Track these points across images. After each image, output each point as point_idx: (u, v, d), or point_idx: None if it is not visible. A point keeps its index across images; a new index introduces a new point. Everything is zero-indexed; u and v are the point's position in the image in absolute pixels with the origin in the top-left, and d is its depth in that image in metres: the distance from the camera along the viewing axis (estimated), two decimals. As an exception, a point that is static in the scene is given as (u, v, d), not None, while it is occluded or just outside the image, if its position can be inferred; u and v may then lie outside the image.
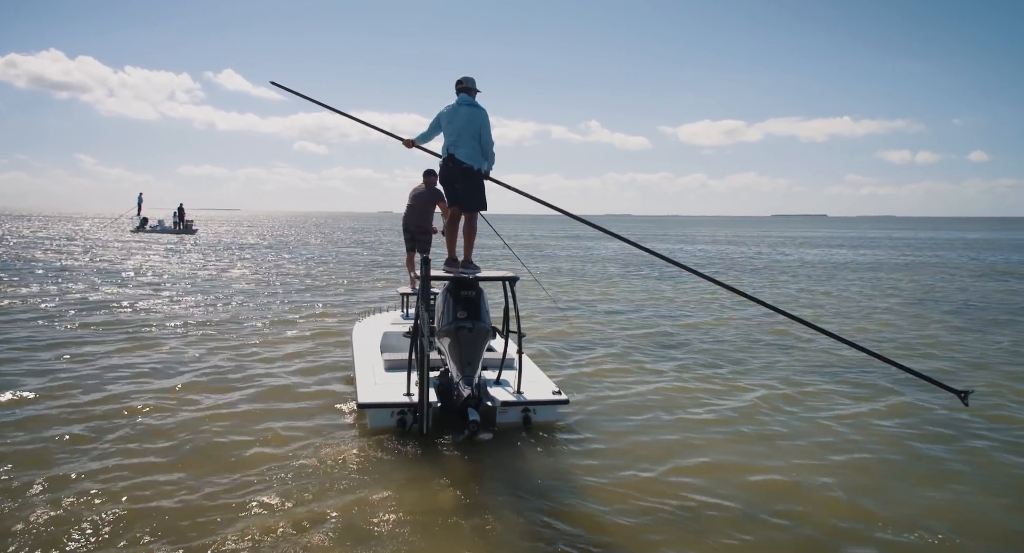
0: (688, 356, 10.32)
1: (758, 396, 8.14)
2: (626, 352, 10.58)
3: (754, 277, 23.69)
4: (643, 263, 28.36)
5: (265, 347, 10.42)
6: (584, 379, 8.88)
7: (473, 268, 6.84)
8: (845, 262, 32.01)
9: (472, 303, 6.53)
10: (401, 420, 6.53)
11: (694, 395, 8.17)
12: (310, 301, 15.44)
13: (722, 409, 7.67)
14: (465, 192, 6.76)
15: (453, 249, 7.01)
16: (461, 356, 6.41)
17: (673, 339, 11.53)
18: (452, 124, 6.73)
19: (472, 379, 6.39)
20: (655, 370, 9.39)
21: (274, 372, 8.90)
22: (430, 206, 10.73)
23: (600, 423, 7.13)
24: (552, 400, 6.79)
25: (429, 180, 10.80)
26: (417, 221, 10.73)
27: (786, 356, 10.28)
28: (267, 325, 12.12)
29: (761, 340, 11.60)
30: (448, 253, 7.02)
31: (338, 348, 10.47)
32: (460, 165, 6.66)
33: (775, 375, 9.10)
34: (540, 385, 7.13)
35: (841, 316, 14.59)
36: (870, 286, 20.80)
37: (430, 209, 10.76)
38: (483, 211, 6.84)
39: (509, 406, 6.72)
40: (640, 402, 7.86)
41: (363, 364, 7.72)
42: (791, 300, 16.86)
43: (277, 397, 7.82)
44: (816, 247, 46.99)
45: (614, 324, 13.06)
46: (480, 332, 6.47)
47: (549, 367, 8.73)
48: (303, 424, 6.88)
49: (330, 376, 8.82)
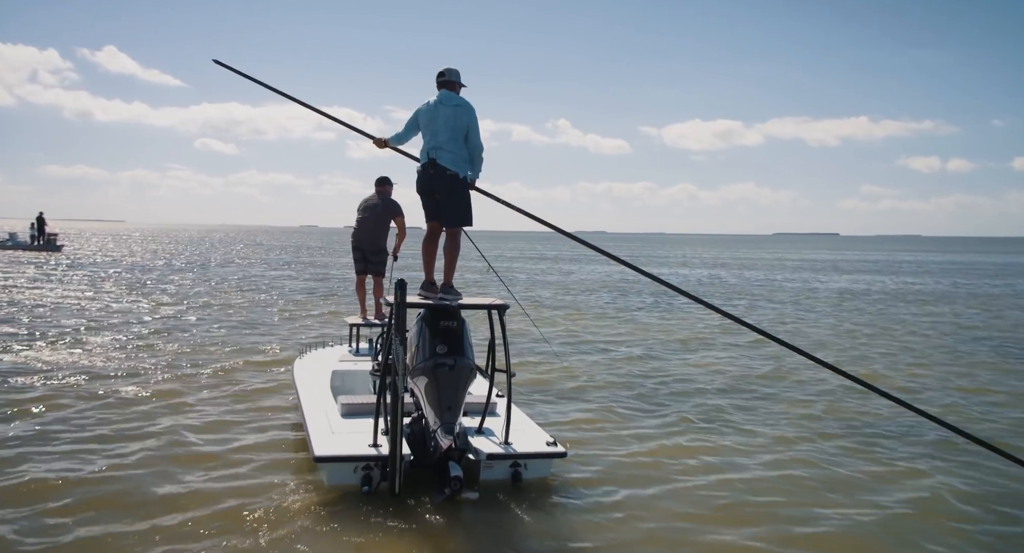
0: (702, 403, 10.50)
1: (788, 455, 8.35)
2: (627, 397, 10.79)
3: (759, 305, 24.28)
4: (632, 291, 28.85)
5: (184, 388, 10.36)
6: (582, 429, 9.04)
7: (454, 294, 6.96)
8: (869, 291, 32.88)
9: (454, 335, 6.64)
10: (366, 476, 6.56)
11: (714, 450, 8.34)
12: (234, 336, 15.35)
13: (751, 466, 7.85)
14: (448, 204, 6.89)
15: (431, 271, 7.13)
16: (440, 399, 6.50)
17: (688, 384, 11.74)
18: (432, 125, 6.88)
19: (453, 427, 6.49)
20: (664, 420, 9.58)
21: (198, 421, 8.87)
22: (385, 220, 10.90)
23: (603, 481, 7.26)
24: (547, 453, 6.90)
25: (383, 189, 10.97)
26: (370, 237, 10.87)
27: (813, 407, 10.47)
28: (185, 365, 12.01)
29: (783, 383, 11.91)
30: (425, 275, 7.14)
31: (274, 392, 10.46)
32: (443, 172, 6.79)
33: (801, 429, 9.28)
34: (531, 435, 7.24)
35: (875, 359, 15.03)
36: (930, 324, 21.42)
37: (385, 223, 10.92)
38: (468, 227, 6.98)
39: (496, 460, 6.80)
40: (650, 459, 8.00)
41: (313, 408, 7.77)
42: (824, 346, 17.30)
43: (205, 450, 7.80)
44: (843, 273, 48.13)
45: (612, 365, 13.30)
46: (463, 370, 6.58)
47: (536, 415, 8.86)
48: (240, 484, 6.87)
49: (269, 424, 8.82)
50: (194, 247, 69.37)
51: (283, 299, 23.48)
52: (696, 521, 6.41)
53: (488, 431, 7.29)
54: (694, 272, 45.57)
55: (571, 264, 51.34)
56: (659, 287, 27.64)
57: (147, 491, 6.63)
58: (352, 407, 7.59)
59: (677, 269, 48.56)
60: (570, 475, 7.31)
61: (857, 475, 7.60)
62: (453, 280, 7.08)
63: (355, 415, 7.51)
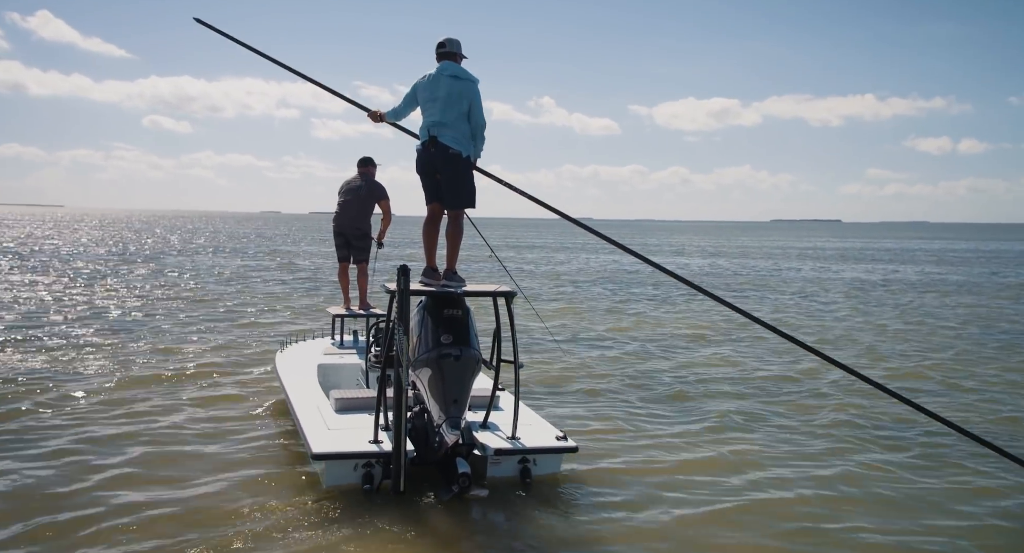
0: (716, 398, 10.74)
1: (805, 454, 8.57)
2: (635, 392, 11.01)
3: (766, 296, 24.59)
4: (635, 282, 29.05)
5: (158, 389, 10.45)
6: (590, 423, 9.24)
7: (458, 280, 7.09)
8: (892, 282, 33.27)
9: (459, 324, 6.79)
10: (367, 474, 6.71)
11: (728, 446, 8.56)
12: (204, 331, 15.37)
13: (768, 465, 8.08)
14: (450, 185, 7.00)
15: (433, 256, 7.26)
16: (445, 392, 6.66)
17: (700, 380, 11.91)
18: (433, 100, 6.95)
19: (459, 421, 6.66)
20: (676, 416, 9.81)
21: (179, 423, 8.97)
22: (369, 203, 10.99)
23: (615, 477, 7.47)
24: (557, 448, 7.10)
25: (366, 170, 11.06)
26: (353, 222, 10.96)
27: (832, 406, 10.51)
28: (152, 364, 11.96)
29: (798, 382, 12.09)
30: (427, 261, 7.27)
31: (255, 388, 10.57)
32: (445, 151, 6.90)
33: (819, 431, 9.42)
34: (539, 429, 7.43)
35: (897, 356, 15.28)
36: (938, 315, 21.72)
37: (369, 207, 11.02)
38: (470, 208, 7.12)
39: (503, 455, 6.98)
40: (662, 455, 8.21)
41: (303, 404, 7.91)
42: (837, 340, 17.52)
43: (189, 451, 7.93)
44: (857, 261, 48.62)
45: (618, 359, 13.53)
46: (469, 361, 6.74)
47: (541, 410, 9.02)
48: (232, 486, 7.01)
49: (256, 423, 8.95)
50: (146, 234, 68.89)
51: (251, 290, 23.58)
52: (711, 520, 6.62)
53: (493, 426, 7.45)
54: (699, 261, 45.89)
55: (561, 253, 51.60)
56: (661, 278, 28.05)
57: (135, 497, 6.71)
58: (347, 402, 7.74)
59: (675, 258, 48.90)
60: (580, 471, 7.51)
61: (889, 483, 7.64)
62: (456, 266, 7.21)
63: (350, 410, 7.66)
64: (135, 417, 9.03)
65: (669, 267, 7.63)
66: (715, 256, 52.37)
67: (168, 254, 40.98)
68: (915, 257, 54.87)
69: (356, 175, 11.08)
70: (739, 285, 29.52)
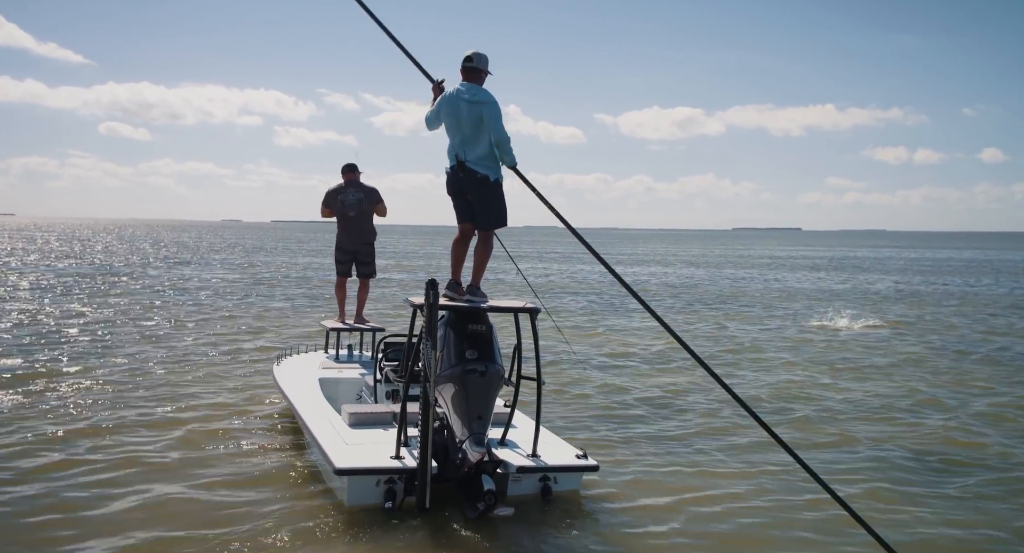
0: (740, 418, 10.36)
1: (829, 475, 8.56)
2: (655, 410, 10.83)
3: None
4: (649, 296, 28.08)
5: (154, 409, 10.18)
6: (609, 442, 9.17)
7: (481, 296, 7.15)
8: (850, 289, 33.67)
9: (483, 340, 6.82)
10: (389, 491, 6.66)
11: (753, 467, 8.46)
12: (186, 344, 15.10)
13: (795, 486, 8.01)
14: (482, 208, 7.13)
15: (459, 271, 7.32)
16: (469, 408, 6.68)
17: (725, 399, 11.61)
18: (456, 124, 7.06)
19: (483, 438, 6.67)
20: (699, 434, 9.72)
21: (185, 440, 8.82)
22: (371, 213, 10.93)
23: (636, 495, 7.45)
24: (578, 466, 7.09)
25: (353, 176, 10.91)
26: (363, 237, 10.89)
27: (865, 432, 10.11)
28: (138, 383, 11.60)
29: (823, 401, 12.02)
30: (452, 275, 7.32)
31: (255, 403, 10.44)
32: (474, 175, 7.02)
33: (851, 452, 9.24)
34: (558, 447, 7.43)
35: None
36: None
37: (372, 216, 10.97)
38: (501, 228, 7.23)
39: (525, 473, 6.97)
40: (685, 472, 8.18)
41: (314, 419, 7.84)
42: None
43: (200, 471, 7.80)
44: (799, 270, 49.11)
45: (637, 375, 13.25)
46: (494, 377, 6.78)
47: (557, 428, 8.94)
48: (250, 503, 6.94)
49: (262, 438, 8.86)
50: (102, 244, 67.70)
51: (223, 301, 23.24)
52: (732, 539, 6.63)
53: (511, 443, 7.44)
54: (697, 272, 45.90)
55: (563, 263, 50.05)
56: (677, 290, 27.81)
57: (156, 518, 6.61)
58: (361, 417, 7.68)
59: (659, 268, 48.57)
60: (600, 488, 7.52)
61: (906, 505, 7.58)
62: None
63: (364, 425, 7.60)
64: (128, 439, 8.78)
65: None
66: (704, 267, 51.61)
67: (131, 265, 40.33)
68: (884, 266, 55.49)
69: (344, 183, 10.91)
70: (756, 300, 29.60)
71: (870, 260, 65.95)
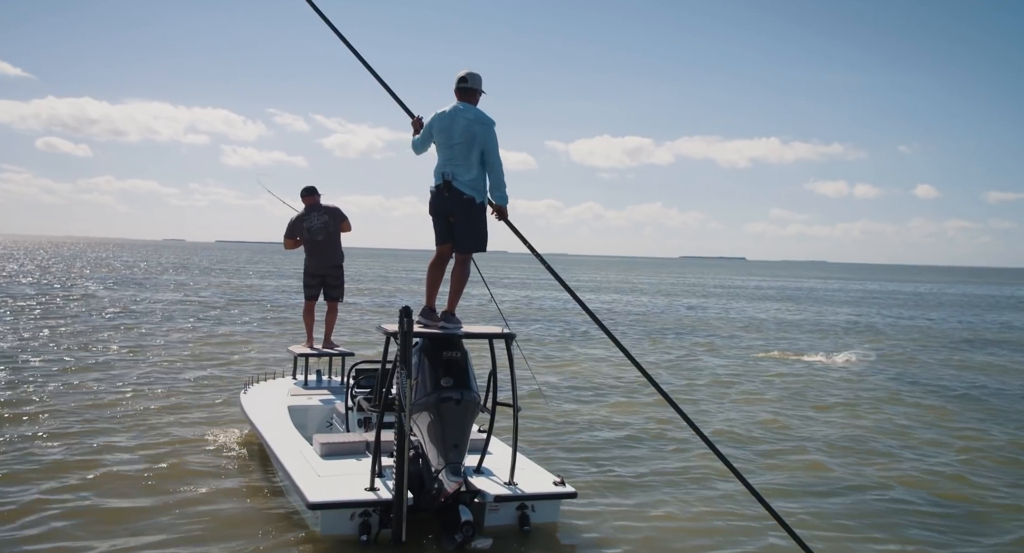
0: (721, 444, 10.51)
1: (813, 497, 8.63)
2: (631, 437, 10.79)
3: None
4: (620, 323, 28.43)
5: (111, 441, 9.89)
6: (583, 467, 9.13)
7: (455, 322, 7.05)
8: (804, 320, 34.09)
9: (458, 367, 6.75)
10: (364, 524, 6.50)
11: (731, 491, 8.45)
12: (141, 372, 14.65)
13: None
14: (464, 230, 7.00)
15: (433, 297, 7.20)
16: (445, 437, 6.59)
17: (701, 424, 11.77)
18: (449, 143, 6.92)
19: (459, 467, 6.59)
20: (676, 462, 9.70)
21: (163, 465, 8.59)
22: (339, 235, 10.83)
23: (615, 524, 7.39)
24: (556, 493, 6.99)
25: (313, 200, 10.81)
26: (332, 260, 10.82)
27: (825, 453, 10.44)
28: (94, 414, 11.10)
29: (791, 430, 12.08)
30: (426, 301, 7.19)
31: (220, 431, 10.16)
32: (460, 196, 6.89)
33: (824, 474, 9.48)
34: (534, 474, 7.33)
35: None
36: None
37: (339, 238, 10.86)
38: (480, 252, 7.11)
39: (503, 502, 6.84)
40: (663, 500, 8.17)
41: (285, 450, 7.64)
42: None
43: (181, 493, 7.59)
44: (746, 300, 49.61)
45: (611, 403, 13.19)
46: (470, 405, 6.70)
47: (530, 453, 8.82)
48: (222, 537, 6.73)
49: (229, 469, 8.63)
50: (37, 262, 65.92)
51: (179, 324, 22.65)
52: None
53: (487, 471, 7.33)
54: (670, 301, 45.91)
55: (521, 290, 49.21)
56: (642, 318, 27.87)
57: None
58: (333, 447, 7.51)
59: (616, 295, 48.33)
60: (577, 518, 7.42)
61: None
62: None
63: (337, 455, 7.43)
64: (88, 476, 8.32)
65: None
66: (674, 295, 51.91)
67: (69, 285, 39.36)
68: (835, 297, 56.38)
69: (306, 209, 10.78)
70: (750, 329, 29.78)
71: (820, 290, 66.92)
